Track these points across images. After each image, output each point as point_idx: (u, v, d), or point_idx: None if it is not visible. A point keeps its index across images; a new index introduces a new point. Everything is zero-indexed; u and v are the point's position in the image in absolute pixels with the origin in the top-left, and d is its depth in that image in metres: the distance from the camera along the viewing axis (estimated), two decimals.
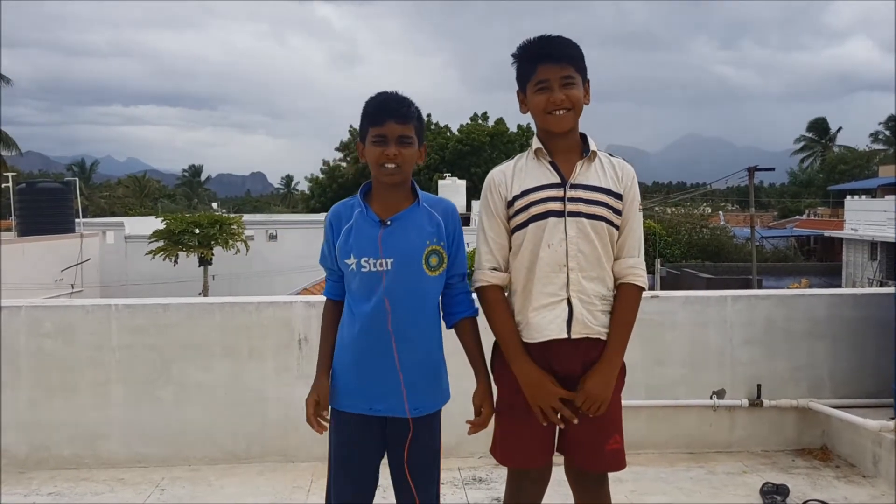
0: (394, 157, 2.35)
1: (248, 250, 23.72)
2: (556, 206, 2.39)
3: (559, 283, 2.40)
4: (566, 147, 2.45)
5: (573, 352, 2.41)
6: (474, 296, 2.54)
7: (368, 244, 2.37)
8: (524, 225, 2.43)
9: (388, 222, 2.38)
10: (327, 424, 2.43)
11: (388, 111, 2.36)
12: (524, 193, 2.42)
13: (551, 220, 2.39)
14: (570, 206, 2.39)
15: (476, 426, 2.47)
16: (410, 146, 2.38)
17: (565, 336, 2.39)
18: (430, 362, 2.44)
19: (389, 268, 2.36)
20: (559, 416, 2.39)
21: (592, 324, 2.41)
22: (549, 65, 2.38)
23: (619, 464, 2.51)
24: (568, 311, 2.39)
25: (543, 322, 2.40)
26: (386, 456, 2.47)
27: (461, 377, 2.55)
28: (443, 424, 2.47)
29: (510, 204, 2.45)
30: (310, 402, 2.43)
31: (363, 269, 2.37)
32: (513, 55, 2.47)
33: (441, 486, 2.37)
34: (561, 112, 2.38)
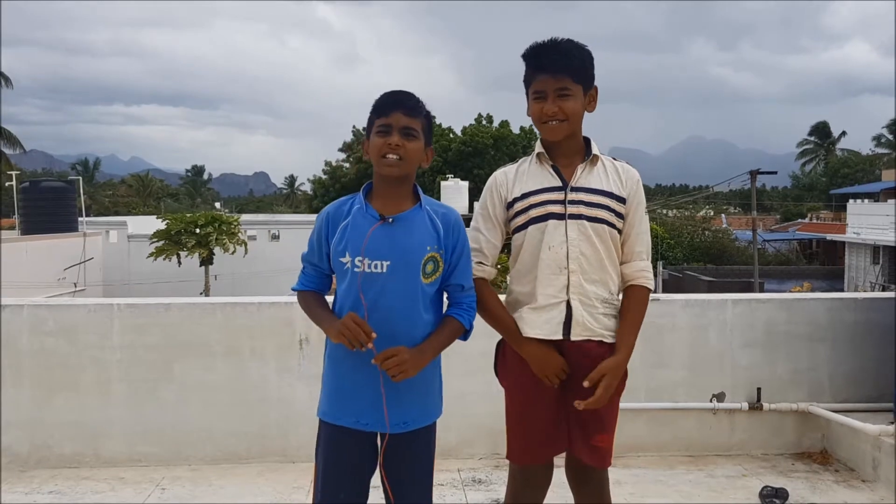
0: (395, 146, 2.22)
1: (246, 252, 23.38)
2: (557, 208, 2.40)
3: (559, 285, 2.40)
4: (568, 151, 2.47)
5: (577, 353, 2.42)
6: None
7: (366, 242, 2.23)
8: (523, 227, 2.44)
9: (390, 220, 2.24)
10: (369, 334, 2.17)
11: (395, 102, 2.27)
12: (524, 196, 2.44)
13: (551, 222, 2.40)
14: (571, 209, 2.40)
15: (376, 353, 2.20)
16: (415, 139, 2.25)
17: (559, 338, 2.40)
18: (418, 374, 2.24)
19: (384, 270, 2.22)
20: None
21: (594, 326, 2.41)
22: (545, 76, 2.38)
23: (600, 460, 2.50)
24: (566, 313, 2.40)
25: (539, 321, 2.41)
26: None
27: (460, 377, 2.54)
28: (442, 425, 2.46)
29: (510, 206, 2.47)
30: (346, 322, 2.15)
31: (356, 269, 2.23)
32: (521, 56, 2.46)
33: (442, 487, 2.35)
34: (553, 123, 2.40)
